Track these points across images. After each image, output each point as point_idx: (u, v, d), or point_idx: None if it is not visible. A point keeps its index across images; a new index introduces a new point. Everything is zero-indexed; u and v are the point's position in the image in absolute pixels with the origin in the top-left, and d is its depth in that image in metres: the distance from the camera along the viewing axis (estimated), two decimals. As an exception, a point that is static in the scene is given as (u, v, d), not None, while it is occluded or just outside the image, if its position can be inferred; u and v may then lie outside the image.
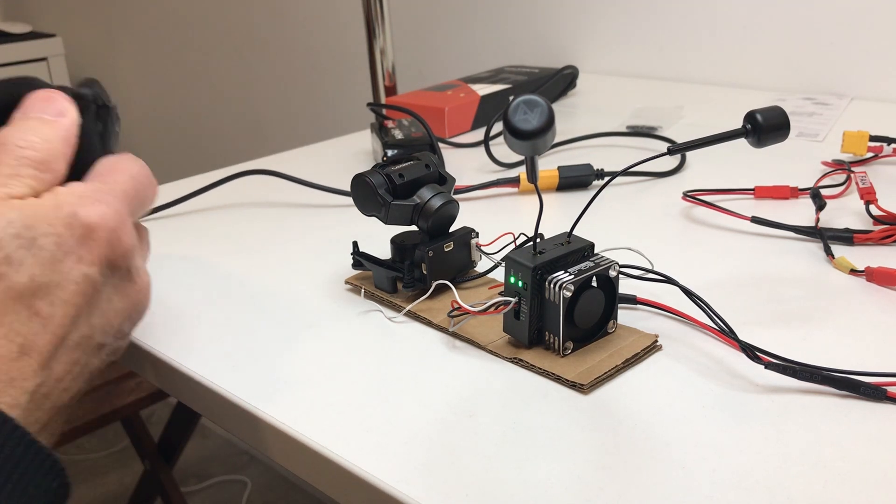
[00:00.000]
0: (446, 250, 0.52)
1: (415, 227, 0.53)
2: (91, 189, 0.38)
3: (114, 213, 0.38)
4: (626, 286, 0.51)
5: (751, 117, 0.47)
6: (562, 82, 1.05)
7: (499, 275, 0.51)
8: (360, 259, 0.54)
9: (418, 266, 0.51)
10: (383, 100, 1.15)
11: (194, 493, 1.84)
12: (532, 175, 0.45)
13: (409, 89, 1.16)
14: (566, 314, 0.44)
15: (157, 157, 2.14)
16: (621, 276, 0.48)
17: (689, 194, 0.65)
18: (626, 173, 0.74)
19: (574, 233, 0.47)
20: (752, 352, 0.43)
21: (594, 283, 0.45)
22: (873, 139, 0.73)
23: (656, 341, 0.46)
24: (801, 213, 0.63)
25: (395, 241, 0.53)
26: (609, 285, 0.46)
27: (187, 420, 1.48)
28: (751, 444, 0.38)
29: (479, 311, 0.46)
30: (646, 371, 0.44)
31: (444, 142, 0.87)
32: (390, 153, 0.76)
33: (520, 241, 0.52)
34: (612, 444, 0.39)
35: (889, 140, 0.74)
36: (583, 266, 0.45)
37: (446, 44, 1.38)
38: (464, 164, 0.82)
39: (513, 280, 0.45)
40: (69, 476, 0.34)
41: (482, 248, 0.54)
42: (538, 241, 0.46)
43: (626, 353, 0.45)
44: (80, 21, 2.19)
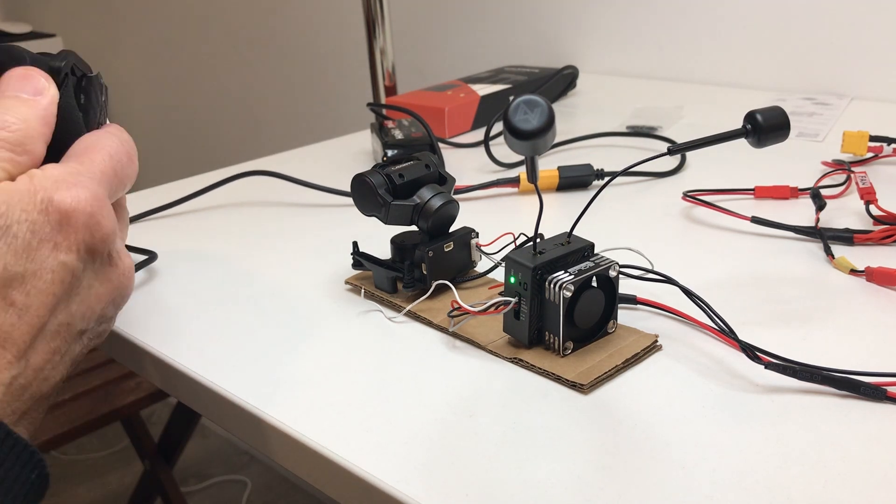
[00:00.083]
0: (446, 250, 0.52)
1: (415, 227, 0.53)
2: (67, 172, 0.37)
3: (91, 196, 0.36)
4: (626, 286, 0.51)
5: (751, 117, 0.47)
6: (562, 82, 1.05)
7: (499, 275, 0.51)
8: (360, 259, 0.54)
9: (418, 266, 0.51)
10: (383, 100, 1.15)
11: (194, 493, 1.84)
12: (532, 175, 0.45)
13: (409, 89, 1.16)
14: (566, 314, 0.44)
15: (157, 157, 2.14)
16: (621, 276, 0.48)
17: (689, 194, 0.65)
18: (626, 173, 0.74)
19: (574, 233, 0.47)
20: (752, 352, 0.43)
21: (594, 283, 0.45)
22: (873, 139, 0.73)
23: (656, 341, 0.46)
24: (801, 213, 0.63)
25: (395, 241, 0.53)
26: (609, 285, 0.46)
27: (187, 420, 1.48)
28: (751, 444, 0.38)
29: (479, 311, 0.46)
30: (646, 371, 0.44)
31: (444, 142, 0.87)
32: (390, 153, 0.76)
33: (520, 241, 0.52)
34: (612, 444, 0.39)
35: (889, 140, 0.74)
36: (583, 266, 0.45)
37: (446, 44, 1.38)
38: (464, 164, 0.82)
39: (513, 280, 0.45)
40: (48, 467, 0.34)
41: (482, 248, 0.54)
42: (538, 241, 0.46)
43: (626, 353, 0.45)
44: (80, 21, 2.19)
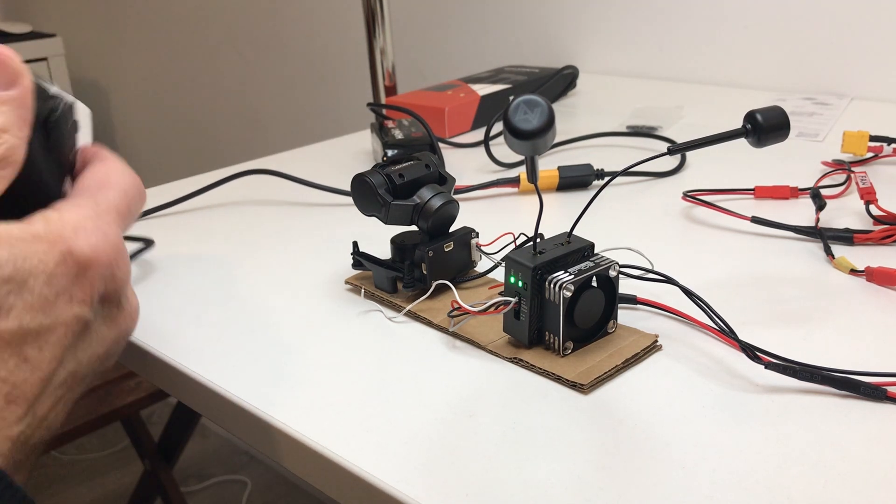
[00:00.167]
0: (446, 250, 0.52)
1: (415, 227, 0.53)
2: (85, 216, 0.36)
3: (110, 245, 0.36)
4: (626, 286, 0.51)
5: (751, 117, 0.47)
6: (562, 82, 1.05)
7: (499, 275, 0.51)
8: (360, 259, 0.54)
9: (418, 266, 0.51)
10: (383, 100, 1.15)
11: (194, 493, 1.84)
12: (532, 175, 0.45)
13: (409, 89, 1.16)
14: (566, 314, 0.44)
15: (157, 158, 2.14)
16: (621, 276, 0.48)
17: (689, 194, 0.65)
18: (626, 173, 0.74)
19: (574, 233, 0.47)
20: (752, 352, 0.43)
21: (594, 283, 0.45)
22: (873, 139, 0.73)
23: (656, 341, 0.46)
24: (801, 213, 0.63)
25: (395, 241, 0.53)
26: (609, 285, 0.46)
27: (187, 420, 1.48)
28: (751, 444, 0.38)
29: (479, 311, 0.46)
30: (646, 371, 0.44)
31: (444, 142, 0.87)
32: (390, 153, 0.76)
33: (520, 241, 0.52)
34: (612, 444, 0.39)
35: (889, 140, 0.74)
36: (583, 266, 0.45)
37: (446, 44, 1.38)
38: (464, 164, 0.82)
39: (513, 280, 0.45)
40: None
41: (482, 248, 0.54)
42: (538, 241, 0.46)
43: (626, 353, 0.45)
44: (80, 21, 2.19)
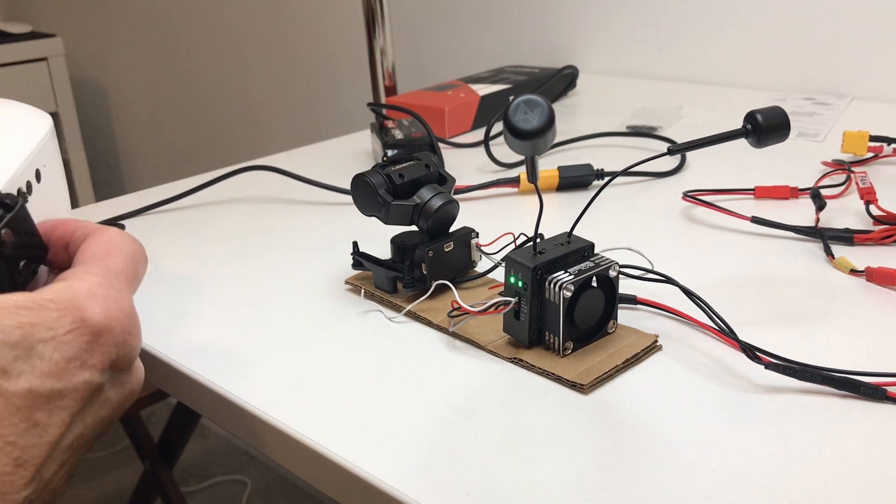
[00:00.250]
0: (446, 250, 0.52)
1: (415, 227, 0.53)
2: (97, 283, 0.36)
3: (124, 312, 0.36)
4: (626, 286, 0.51)
5: (751, 117, 0.47)
6: (562, 82, 1.05)
7: (499, 275, 0.51)
8: (360, 259, 0.54)
9: (418, 266, 0.51)
10: (383, 100, 1.15)
11: (194, 493, 1.84)
12: (532, 175, 0.45)
13: (409, 89, 1.16)
14: (566, 314, 0.44)
15: (157, 158, 2.14)
16: (621, 276, 0.48)
17: (689, 194, 0.65)
18: (626, 173, 0.74)
19: (574, 233, 0.47)
20: (752, 352, 0.43)
21: (594, 283, 0.45)
22: (873, 139, 0.73)
23: (656, 341, 0.46)
24: (801, 213, 0.63)
25: (395, 241, 0.53)
26: (609, 285, 0.46)
27: (187, 420, 1.48)
28: (751, 444, 0.38)
29: (479, 311, 0.46)
30: (646, 371, 0.44)
31: (444, 142, 0.87)
32: (390, 153, 0.76)
33: (520, 241, 0.52)
34: (612, 444, 0.39)
35: (889, 140, 0.74)
36: (583, 266, 0.45)
37: (446, 44, 1.38)
38: (464, 164, 0.82)
39: (513, 280, 0.45)
40: None
41: (482, 248, 0.54)
42: (538, 241, 0.46)
43: (626, 353, 0.45)
44: (80, 21, 2.19)
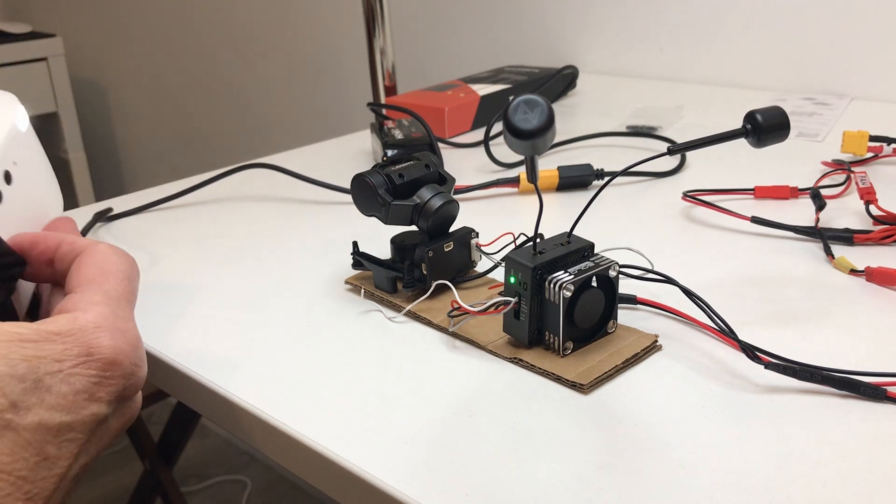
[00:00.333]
0: (446, 250, 0.52)
1: (415, 227, 0.53)
2: (102, 315, 0.36)
3: (131, 344, 0.36)
4: (626, 286, 0.51)
5: (751, 117, 0.47)
6: (562, 82, 1.05)
7: (499, 275, 0.51)
8: (360, 259, 0.54)
9: (418, 266, 0.51)
10: (383, 100, 1.15)
11: (194, 493, 1.83)
12: (532, 175, 0.45)
13: (409, 89, 1.16)
14: (566, 314, 0.44)
15: (157, 158, 2.14)
16: (621, 276, 0.48)
17: (689, 194, 0.65)
18: (626, 173, 0.74)
19: (574, 233, 0.47)
20: (752, 352, 0.43)
21: (594, 283, 0.45)
22: (873, 139, 0.73)
23: (656, 341, 0.46)
24: (801, 213, 0.63)
25: (395, 241, 0.53)
26: (609, 285, 0.46)
27: (187, 420, 1.48)
28: (751, 444, 0.38)
29: (479, 311, 0.46)
30: (646, 371, 0.44)
31: (444, 142, 0.87)
32: (390, 153, 0.76)
33: (520, 241, 0.52)
34: (612, 444, 0.38)
35: (889, 140, 0.74)
36: (583, 266, 0.45)
37: (446, 44, 1.38)
38: (464, 164, 0.82)
39: (513, 280, 0.45)
40: None
41: (482, 248, 0.54)
42: (538, 241, 0.46)
43: (626, 353, 0.45)
44: (80, 21, 2.19)
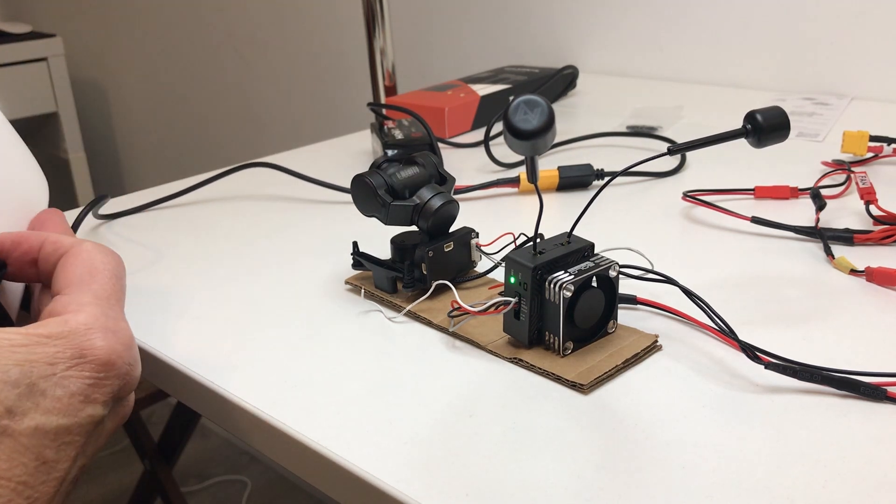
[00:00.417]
0: (446, 250, 0.52)
1: (415, 227, 0.53)
2: (93, 316, 0.36)
3: (124, 345, 0.36)
4: (626, 286, 0.51)
5: (751, 117, 0.47)
6: (562, 82, 1.05)
7: (499, 275, 0.51)
8: (360, 259, 0.54)
9: (418, 266, 0.51)
10: (383, 100, 1.15)
11: (194, 493, 1.84)
12: (532, 175, 0.45)
13: (409, 89, 1.16)
14: (566, 314, 0.44)
15: (157, 158, 2.14)
16: (621, 276, 0.48)
17: (689, 194, 0.65)
18: (626, 173, 0.74)
19: (574, 233, 0.47)
20: (752, 352, 0.43)
21: (594, 284, 0.45)
22: (873, 139, 0.73)
23: (656, 341, 0.46)
24: (801, 213, 0.63)
25: (395, 241, 0.53)
26: (609, 285, 0.46)
27: (187, 420, 1.48)
28: (751, 444, 0.38)
29: (479, 311, 0.46)
30: (646, 371, 0.44)
31: (444, 142, 0.87)
32: (390, 153, 0.76)
33: (520, 241, 0.52)
34: (612, 444, 0.38)
35: (889, 140, 0.74)
36: (583, 266, 0.45)
37: (446, 44, 1.38)
38: (464, 164, 0.82)
39: (513, 280, 0.45)
40: None
41: (482, 248, 0.54)
42: (538, 241, 0.46)
43: (626, 353, 0.45)
44: (80, 21, 2.19)
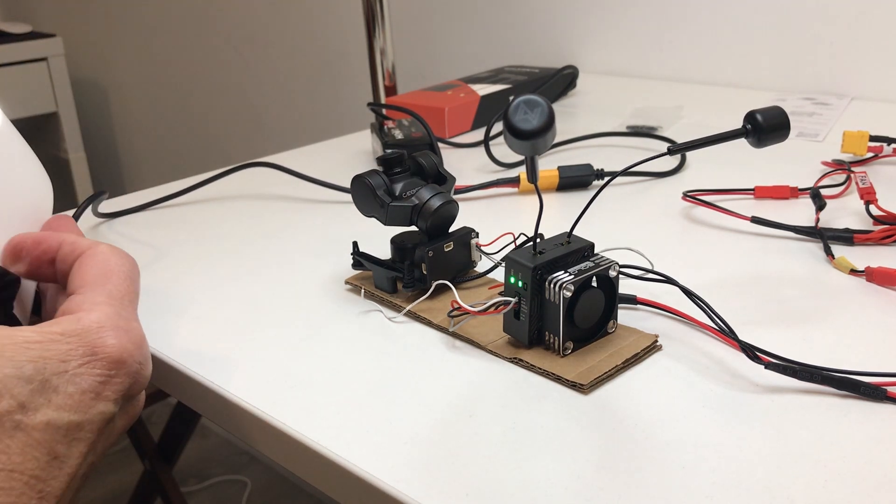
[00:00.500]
0: (446, 250, 0.52)
1: (414, 227, 0.53)
2: (105, 315, 0.36)
3: (135, 343, 0.36)
4: (626, 286, 0.51)
5: (751, 117, 0.47)
6: (562, 82, 1.05)
7: (499, 275, 0.51)
8: (360, 259, 0.54)
9: (418, 266, 0.51)
10: (383, 100, 1.15)
11: (194, 493, 1.84)
12: (532, 175, 0.45)
13: (409, 89, 1.16)
14: (566, 314, 0.44)
15: (157, 158, 2.14)
16: (621, 276, 0.48)
17: (689, 194, 0.65)
18: (626, 173, 0.74)
19: (574, 233, 0.47)
20: (752, 352, 0.43)
21: (594, 283, 0.45)
22: (873, 139, 0.73)
23: (656, 341, 0.46)
24: (801, 213, 0.63)
25: (395, 241, 0.53)
26: (609, 285, 0.46)
27: (187, 420, 1.48)
28: (751, 444, 0.38)
29: (479, 311, 0.46)
30: (646, 371, 0.44)
31: (444, 142, 0.87)
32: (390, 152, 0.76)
33: (520, 241, 0.52)
34: (612, 444, 0.38)
35: (889, 140, 0.74)
36: (583, 266, 0.45)
37: (446, 44, 1.38)
38: (464, 164, 0.82)
39: (513, 280, 0.45)
40: None
41: (482, 248, 0.54)
42: (538, 241, 0.46)
43: (626, 353, 0.45)
44: (80, 21, 2.19)
